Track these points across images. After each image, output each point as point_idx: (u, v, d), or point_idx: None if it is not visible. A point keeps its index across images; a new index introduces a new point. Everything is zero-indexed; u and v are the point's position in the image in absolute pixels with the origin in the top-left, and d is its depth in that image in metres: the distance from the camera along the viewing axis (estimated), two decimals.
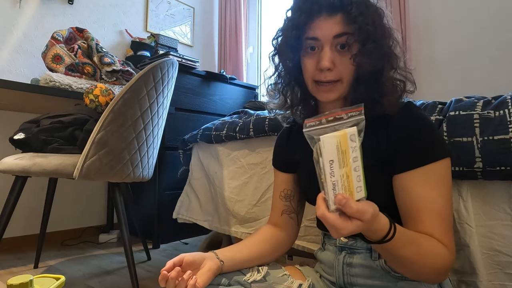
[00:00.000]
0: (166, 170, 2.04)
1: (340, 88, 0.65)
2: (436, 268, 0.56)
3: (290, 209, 0.81)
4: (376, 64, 0.62)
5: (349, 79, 0.65)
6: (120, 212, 1.35)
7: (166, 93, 1.44)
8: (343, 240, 0.71)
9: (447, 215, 0.59)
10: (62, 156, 1.27)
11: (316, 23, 0.63)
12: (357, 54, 0.61)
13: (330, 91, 0.65)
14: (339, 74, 0.63)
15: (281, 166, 0.84)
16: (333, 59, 0.63)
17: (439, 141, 0.62)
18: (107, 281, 1.45)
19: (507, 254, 0.77)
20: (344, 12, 0.60)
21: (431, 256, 0.56)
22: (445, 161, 0.60)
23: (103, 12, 2.47)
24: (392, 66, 0.64)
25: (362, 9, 0.60)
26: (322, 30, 0.62)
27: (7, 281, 0.70)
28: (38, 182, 1.98)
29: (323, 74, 0.64)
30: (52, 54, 1.76)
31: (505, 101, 0.80)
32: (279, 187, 0.83)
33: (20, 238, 2.00)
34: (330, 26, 0.61)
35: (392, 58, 0.64)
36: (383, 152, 0.63)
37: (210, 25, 3.23)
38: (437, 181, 0.59)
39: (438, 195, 0.59)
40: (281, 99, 0.76)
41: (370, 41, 0.60)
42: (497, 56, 1.81)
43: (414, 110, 0.64)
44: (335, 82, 0.64)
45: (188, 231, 2.09)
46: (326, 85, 0.65)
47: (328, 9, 0.61)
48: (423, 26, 2.07)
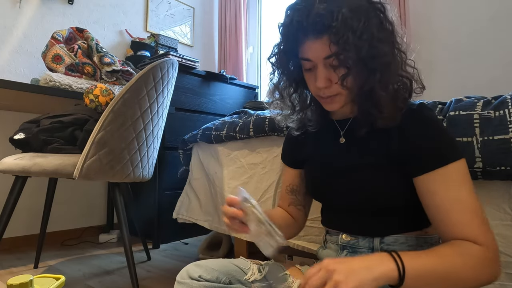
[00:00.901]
0: (166, 170, 2.04)
1: (341, 99, 0.65)
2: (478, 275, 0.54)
3: (296, 201, 0.84)
4: (364, 85, 0.61)
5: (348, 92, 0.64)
6: (120, 212, 1.35)
7: (166, 93, 1.44)
8: (345, 239, 0.71)
9: (477, 210, 0.58)
10: (62, 156, 1.27)
11: (306, 45, 0.63)
12: (344, 77, 0.60)
13: (332, 103, 0.66)
14: (337, 90, 0.63)
15: (289, 162, 0.87)
16: (329, 76, 0.63)
17: (453, 142, 0.62)
18: (107, 281, 1.45)
19: (507, 254, 0.77)
20: (330, 33, 0.58)
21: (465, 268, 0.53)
22: (462, 161, 0.60)
23: (103, 12, 2.47)
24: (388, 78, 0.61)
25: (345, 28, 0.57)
26: (312, 52, 0.62)
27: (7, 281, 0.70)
28: (38, 182, 1.98)
29: (322, 91, 0.65)
30: (52, 54, 1.76)
31: (505, 101, 0.80)
32: (286, 181, 0.87)
33: (20, 238, 2.00)
34: (318, 48, 0.61)
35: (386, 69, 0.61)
36: (395, 152, 0.63)
37: (210, 25, 3.23)
38: (460, 180, 0.59)
39: (463, 193, 0.58)
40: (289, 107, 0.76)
41: (355, 62, 0.59)
42: (497, 56, 1.81)
43: (426, 112, 0.64)
44: (335, 96, 0.65)
45: (188, 231, 2.09)
46: (327, 99, 0.66)
47: (314, 32, 0.60)
48: (423, 26, 2.07)
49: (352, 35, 0.56)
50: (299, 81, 0.72)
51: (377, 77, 0.60)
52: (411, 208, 0.64)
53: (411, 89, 0.65)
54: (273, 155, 1.29)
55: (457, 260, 0.54)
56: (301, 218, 0.85)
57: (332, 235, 0.75)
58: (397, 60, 0.63)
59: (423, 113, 0.63)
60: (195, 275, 0.66)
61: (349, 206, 0.70)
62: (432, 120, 0.63)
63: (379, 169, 0.64)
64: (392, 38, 0.63)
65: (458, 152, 0.60)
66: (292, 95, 0.75)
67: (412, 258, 0.51)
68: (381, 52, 0.59)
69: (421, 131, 0.62)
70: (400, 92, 0.64)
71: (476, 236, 0.56)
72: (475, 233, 0.56)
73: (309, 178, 0.80)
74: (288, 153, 0.87)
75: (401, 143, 0.63)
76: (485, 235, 0.56)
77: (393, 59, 0.62)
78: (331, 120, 0.76)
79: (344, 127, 0.73)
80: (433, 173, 0.59)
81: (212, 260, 0.72)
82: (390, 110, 0.62)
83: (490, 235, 0.57)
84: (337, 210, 0.74)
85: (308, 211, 0.87)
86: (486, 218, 0.58)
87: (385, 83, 0.61)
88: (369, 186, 0.65)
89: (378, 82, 0.60)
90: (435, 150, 0.60)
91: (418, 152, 0.61)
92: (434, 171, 0.59)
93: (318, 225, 1.15)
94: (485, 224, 0.57)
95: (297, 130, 0.80)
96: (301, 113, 0.77)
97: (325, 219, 0.79)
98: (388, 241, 0.66)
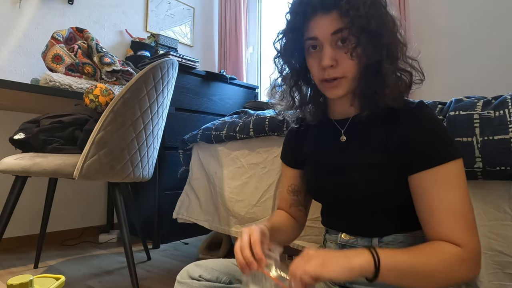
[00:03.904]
0: (166, 170, 2.04)
1: (346, 84, 0.65)
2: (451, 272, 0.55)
3: (297, 202, 0.84)
4: (373, 56, 0.62)
5: (353, 74, 0.65)
6: (120, 212, 1.35)
7: (166, 93, 1.44)
8: (344, 238, 0.71)
9: (465, 213, 0.58)
10: (62, 156, 1.27)
11: (313, 22, 0.63)
12: (354, 48, 0.61)
13: (336, 87, 0.66)
14: (343, 70, 0.64)
15: (289, 162, 0.86)
16: (335, 56, 0.63)
17: (450, 142, 0.62)
18: (107, 281, 1.45)
19: (507, 254, 0.77)
20: (338, 8, 0.60)
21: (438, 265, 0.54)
22: (457, 161, 0.60)
23: (103, 12, 2.47)
24: (394, 56, 0.63)
25: (354, 2, 0.60)
26: (320, 29, 0.63)
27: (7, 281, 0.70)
28: (38, 182, 1.98)
29: (327, 72, 0.64)
30: (52, 54, 1.76)
31: (505, 101, 0.80)
32: (286, 182, 0.86)
33: (20, 238, 2.00)
34: (326, 24, 0.62)
35: (393, 48, 0.63)
36: (393, 151, 0.63)
37: (210, 25, 3.23)
38: (451, 181, 0.59)
39: (453, 194, 0.58)
40: (289, 100, 0.76)
41: (365, 34, 0.60)
42: (497, 56, 1.81)
43: (425, 110, 0.64)
44: (340, 78, 0.65)
45: (188, 231, 2.09)
46: (332, 82, 0.65)
47: (322, 8, 0.61)
48: (423, 26, 2.08)
49: (363, 6, 0.59)
50: (301, 74, 0.72)
51: (384, 53, 0.62)
52: (410, 207, 0.64)
53: (411, 79, 0.66)
54: (273, 155, 1.29)
55: (432, 257, 0.55)
56: (302, 219, 0.85)
57: (332, 234, 0.75)
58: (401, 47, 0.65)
59: (422, 112, 0.63)
60: (195, 275, 0.66)
61: (348, 205, 0.70)
62: (431, 118, 0.63)
63: (379, 168, 0.64)
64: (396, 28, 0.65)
65: (455, 152, 0.60)
66: (292, 88, 0.75)
67: (388, 252, 0.54)
68: (389, 30, 0.62)
69: (419, 129, 0.62)
70: (402, 78, 0.65)
71: (457, 239, 0.56)
72: (456, 236, 0.57)
73: (309, 178, 0.80)
74: (288, 153, 0.87)
75: (399, 141, 0.63)
76: (467, 239, 0.56)
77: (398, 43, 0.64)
78: (330, 121, 0.76)
79: (344, 126, 0.73)
80: (427, 172, 0.59)
81: (212, 260, 0.72)
82: (395, 88, 0.63)
83: (473, 240, 0.57)
84: (337, 210, 0.74)
85: (308, 211, 0.87)
86: (474, 223, 0.58)
87: (392, 59, 0.62)
88: (369, 185, 0.65)
89: (386, 58, 0.62)
90: (431, 148, 0.60)
91: (414, 150, 0.61)
92: (429, 170, 0.59)
93: (318, 225, 1.15)
94: (470, 228, 0.57)
95: (295, 122, 0.81)
96: (300, 109, 0.77)
97: (325, 219, 0.79)
98: (387, 241, 0.66)
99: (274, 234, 0.71)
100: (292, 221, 0.83)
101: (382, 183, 0.64)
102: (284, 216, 0.84)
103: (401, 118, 0.63)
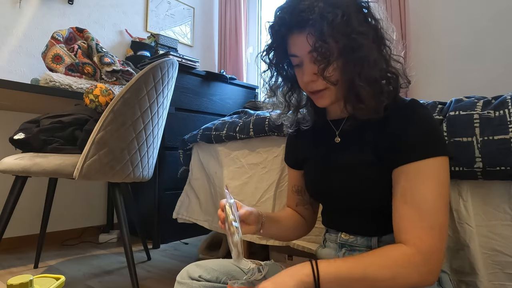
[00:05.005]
0: (166, 170, 2.04)
1: (330, 94, 0.66)
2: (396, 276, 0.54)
3: (303, 201, 0.85)
4: (344, 74, 0.62)
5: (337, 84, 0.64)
6: (120, 212, 1.35)
7: (166, 93, 1.44)
8: (343, 237, 0.71)
9: (433, 213, 0.56)
10: (62, 156, 1.27)
11: (291, 41, 0.65)
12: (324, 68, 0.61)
13: (322, 98, 0.67)
14: (323, 83, 0.64)
15: (291, 163, 0.88)
16: (314, 71, 0.63)
17: (436, 138, 0.61)
18: (107, 281, 1.45)
19: (507, 254, 0.77)
20: (311, 27, 0.60)
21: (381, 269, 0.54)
22: (441, 159, 0.59)
23: (103, 12, 2.47)
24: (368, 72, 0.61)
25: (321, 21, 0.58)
26: (297, 47, 0.64)
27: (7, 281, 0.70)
28: (38, 182, 1.98)
29: (309, 85, 0.66)
30: (52, 54, 1.76)
31: (505, 101, 0.80)
32: (291, 182, 0.88)
33: (20, 238, 2.00)
34: (302, 42, 0.62)
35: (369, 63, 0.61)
36: (381, 147, 0.64)
37: (210, 25, 3.23)
38: (429, 177, 0.58)
39: (426, 190, 0.57)
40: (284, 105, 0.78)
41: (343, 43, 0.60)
42: (497, 56, 1.81)
43: (415, 108, 0.63)
44: (323, 90, 0.65)
45: (188, 231, 2.09)
46: (317, 93, 0.67)
47: (297, 27, 0.62)
48: (423, 27, 2.07)
49: (327, 27, 0.58)
50: (294, 81, 0.73)
51: (356, 69, 0.61)
52: None
53: (396, 84, 0.65)
54: (273, 155, 1.29)
55: (374, 261, 0.55)
56: (310, 217, 0.86)
57: (331, 234, 0.76)
58: (382, 55, 0.64)
59: (411, 110, 0.63)
60: (195, 275, 0.67)
61: (346, 205, 0.71)
62: (418, 114, 0.62)
63: (372, 168, 0.65)
64: (377, 33, 0.64)
65: (443, 149, 0.60)
66: (287, 94, 0.76)
67: (328, 263, 0.56)
68: (361, 45, 0.60)
69: (403, 124, 0.62)
70: (384, 86, 0.63)
71: (412, 238, 0.55)
72: (413, 234, 0.55)
73: (306, 178, 0.81)
74: (290, 155, 0.89)
75: (388, 140, 0.63)
76: (422, 240, 0.55)
77: (375, 53, 0.62)
78: (327, 121, 0.76)
79: (339, 127, 0.73)
80: (407, 166, 0.59)
81: (212, 260, 0.73)
82: (371, 102, 0.62)
83: (430, 242, 0.55)
84: (336, 209, 0.75)
85: (317, 208, 0.88)
86: (441, 225, 0.56)
87: (365, 75, 0.61)
88: (365, 184, 0.65)
89: (357, 75, 0.61)
90: (414, 144, 0.60)
91: (399, 146, 0.61)
92: (408, 164, 0.59)
93: (318, 225, 1.15)
94: (433, 229, 0.55)
95: (290, 127, 0.82)
96: (296, 112, 0.78)
97: (325, 219, 0.80)
98: (386, 240, 0.66)
99: (269, 224, 0.73)
100: (297, 217, 0.84)
101: (376, 182, 0.64)
102: (289, 212, 0.85)
103: (391, 118, 0.63)
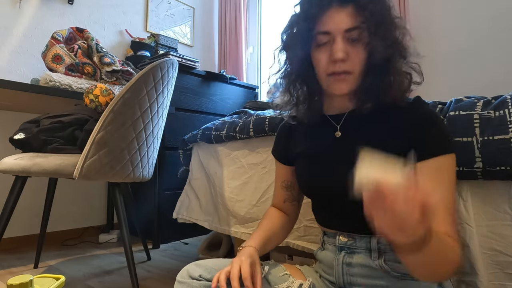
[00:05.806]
0: (166, 170, 2.04)
1: (352, 80, 0.65)
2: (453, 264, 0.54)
3: (291, 197, 0.85)
4: (387, 51, 0.62)
5: (360, 71, 0.65)
6: (120, 212, 1.35)
7: (166, 93, 1.44)
8: (342, 240, 0.71)
9: (453, 208, 0.59)
10: (62, 156, 1.27)
11: (328, 15, 0.62)
12: (369, 42, 0.61)
13: (344, 82, 0.65)
14: (353, 64, 0.64)
15: (280, 158, 0.86)
16: (346, 50, 0.63)
17: (449, 136, 0.63)
18: (107, 281, 1.45)
19: (507, 254, 0.77)
20: (355, 2, 0.60)
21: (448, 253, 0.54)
22: (453, 156, 0.61)
23: (103, 12, 2.47)
24: (402, 55, 0.65)
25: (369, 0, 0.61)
26: (334, 23, 0.62)
27: (7, 281, 0.70)
28: (38, 182, 1.98)
29: (338, 65, 0.64)
30: (52, 54, 1.76)
31: (505, 101, 0.80)
32: (279, 178, 0.87)
33: (20, 238, 2.00)
34: (341, 18, 0.62)
35: (401, 47, 0.64)
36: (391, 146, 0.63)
37: (210, 25, 3.23)
38: (445, 174, 0.60)
39: (445, 187, 0.59)
40: (287, 96, 0.76)
41: (382, 27, 0.61)
42: (497, 56, 1.81)
43: (424, 104, 0.66)
44: (347, 74, 0.65)
45: (188, 231, 2.09)
46: (340, 75, 0.65)
47: (338, 0, 0.61)
48: (423, 26, 2.07)
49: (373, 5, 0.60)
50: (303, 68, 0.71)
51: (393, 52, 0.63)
52: None
53: (411, 80, 0.67)
54: None
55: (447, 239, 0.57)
56: (294, 212, 0.87)
57: (330, 237, 0.74)
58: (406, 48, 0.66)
59: (421, 106, 0.65)
60: (196, 275, 0.66)
61: (345, 202, 0.70)
62: (431, 112, 0.64)
63: None
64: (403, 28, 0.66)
65: (453, 146, 0.61)
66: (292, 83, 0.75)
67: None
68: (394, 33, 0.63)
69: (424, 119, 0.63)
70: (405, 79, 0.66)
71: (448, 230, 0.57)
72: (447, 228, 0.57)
73: (301, 175, 0.79)
74: (280, 150, 0.87)
75: (397, 135, 0.63)
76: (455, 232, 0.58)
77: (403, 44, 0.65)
78: (324, 116, 0.75)
79: (339, 122, 0.73)
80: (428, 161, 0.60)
81: (212, 259, 0.72)
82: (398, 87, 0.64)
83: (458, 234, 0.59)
84: (333, 206, 0.73)
85: (301, 203, 0.88)
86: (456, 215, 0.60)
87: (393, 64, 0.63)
88: None
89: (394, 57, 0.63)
90: (432, 140, 0.61)
91: (421, 139, 0.62)
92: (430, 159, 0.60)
93: (317, 225, 1.15)
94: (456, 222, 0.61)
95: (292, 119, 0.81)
96: (296, 107, 0.77)
97: (321, 219, 0.78)
98: (385, 241, 0.66)
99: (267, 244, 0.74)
100: (284, 219, 0.84)
101: None
102: (276, 217, 0.84)
103: (400, 111, 0.64)
